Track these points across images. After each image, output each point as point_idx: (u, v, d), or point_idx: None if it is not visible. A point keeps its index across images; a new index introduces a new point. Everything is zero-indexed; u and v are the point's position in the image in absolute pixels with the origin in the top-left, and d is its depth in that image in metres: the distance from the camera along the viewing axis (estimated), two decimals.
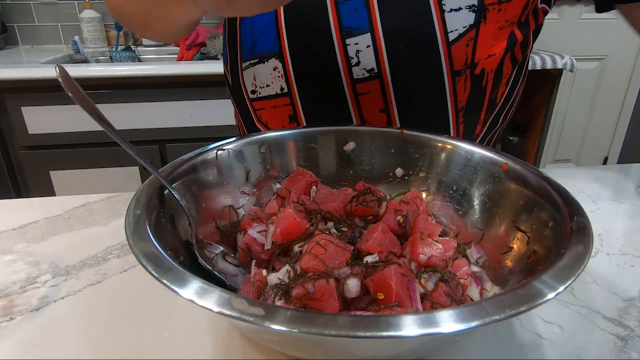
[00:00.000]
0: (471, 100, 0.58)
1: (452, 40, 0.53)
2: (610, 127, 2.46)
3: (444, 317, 0.24)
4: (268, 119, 0.63)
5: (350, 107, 0.58)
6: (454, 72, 0.55)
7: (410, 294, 0.34)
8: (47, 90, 1.44)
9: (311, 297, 0.33)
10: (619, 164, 0.75)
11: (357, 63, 0.55)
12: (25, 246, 0.51)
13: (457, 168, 0.49)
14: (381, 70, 0.55)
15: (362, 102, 0.57)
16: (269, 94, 0.61)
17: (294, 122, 0.62)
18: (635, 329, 0.39)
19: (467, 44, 0.54)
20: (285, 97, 0.60)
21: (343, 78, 0.56)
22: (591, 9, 0.62)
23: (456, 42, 0.54)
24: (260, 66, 0.60)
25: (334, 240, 0.37)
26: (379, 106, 0.57)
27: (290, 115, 0.61)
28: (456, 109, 0.58)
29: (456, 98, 0.57)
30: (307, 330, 0.24)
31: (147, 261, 0.29)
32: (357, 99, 0.57)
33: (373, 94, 0.56)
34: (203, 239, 0.42)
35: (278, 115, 0.62)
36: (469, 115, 0.60)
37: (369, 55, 0.54)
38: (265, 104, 0.62)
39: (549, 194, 0.39)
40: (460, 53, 0.54)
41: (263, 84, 0.61)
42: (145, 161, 0.40)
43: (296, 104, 0.60)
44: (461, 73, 0.56)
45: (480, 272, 0.41)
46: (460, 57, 0.55)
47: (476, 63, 0.55)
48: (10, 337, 0.38)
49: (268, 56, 0.59)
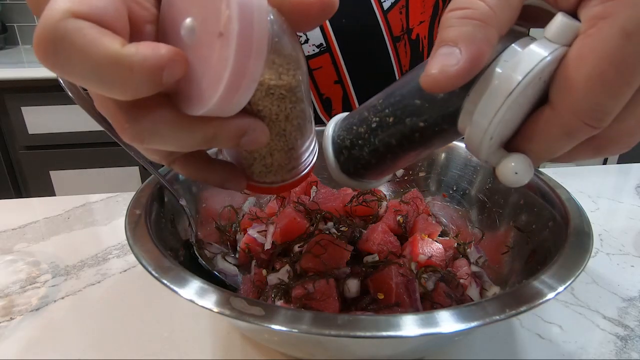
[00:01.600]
0: (413, 64, 0.63)
1: (386, 9, 0.58)
2: None
3: (444, 317, 0.24)
4: None
5: None
6: (394, 38, 0.60)
7: (410, 294, 0.34)
8: (47, 90, 1.44)
9: (311, 297, 0.33)
10: (619, 164, 0.75)
11: (306, 40, 0.59)
12: (25, 246, 0.51)
13: (457, 168, 0.49)
14: (329, 44, 0.59)
15: (316, 77, 0.61)
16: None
17: None
18: (635, 329, 0.39)
19: (400, 11, 0.59)
20: None
21: None
22: None
23: (391, 10, 0.59)
24: None
25: (334, 240, 0.37)
26: (333, 78, 0.61)
27: None
28: (402, 72, 0.63)
29: (400, 62, 0.62)
30: (307, 330, 0.24)
31: (147, 261, 0.29)
32: (312, 74, 0.61)
33: (325, 67, 0.60)
34: (203, 239, 0.41)
35: None
36: None
37: (315, 31, 0.58)
38: None
39: (548, 193, 0.39)
40: (396, 20, 0.59)
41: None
42: (145, 161, 0.40)
43: None
44: (400, 38, 0.60)
45: (480, 272, 0.41)
46: (396, 24, 0.59)
47: (411, 29, 0.61)
48: (10, 337, 0.38)
49: None
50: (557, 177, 0.41)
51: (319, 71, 0.61)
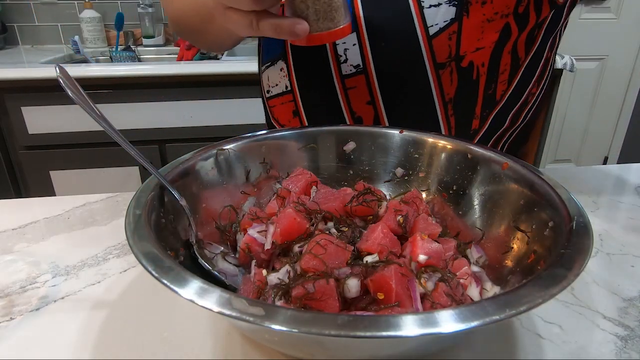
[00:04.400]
0: (460, 92, 0.60)
1: (432, 34, 0.56)
2: (610, 127, 2.46)
3: (444, 317, 0.24)
4: (279, 115, 0.71)
5: (341, 100, 0.63)
6: (437, 65, 0.58)
7: (410, 294, 0.34)
8: (47, 90, 1.44)
9: (311, 297, 0.33)
10: (619, 164, 0.75)
11: (345, 60, 0.60)
12: (25, 246, 0.51)
13: (457, 168, 0.49)
14: (366, 66, 0.60)
15: (350, 96, 0.62)
16: (277, 92, 0.69)
17: (297, 116, 0.68)
18: (635, 329, 0.39)
19: (449, 37, 0.56)
20: (289, 94, 0.67)
21: (333, 74, 0.62)
22: (591, 9, 0.62)
23: (437, 36, 0.56)
24: (271, 68, 0.68)
25: (334, 240, 0.37)
26: (366, 99, 0.62)
27: (293, 110, 0.68)
28: (443, 100, 0.61)
29: (442, 90, 0.60)
30: (307, 330, 0.24)
31: (147, 261, 0.29)
32: (346, 93, 0.62)
33: (359, 87, 0.61)
34: (203, 239, 0.41)
35: (284, 111, 0.69)
36: (459, 109, 0.62)
37: (355, 52, 0.59)
38: (276, 101, 0.70)
39: (549, 194, 0.39)
40: (442, 46, 0.57)
41: (273, 83, 0.69)
42: (145, 161, 0.40)
43: (297, 100, 0.67)
44: (445, 65, 0.58)
45: (480, 272, 0.41)
46: (443, 50, 0.57)
47: (462, 56, 0.58)
48: (10, 337, 0.38)
49: (276, 58, 0.67)
50: (557, 177, 0.41)
51: (353, 90, 0.62)
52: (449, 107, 0.61)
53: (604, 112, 2.40)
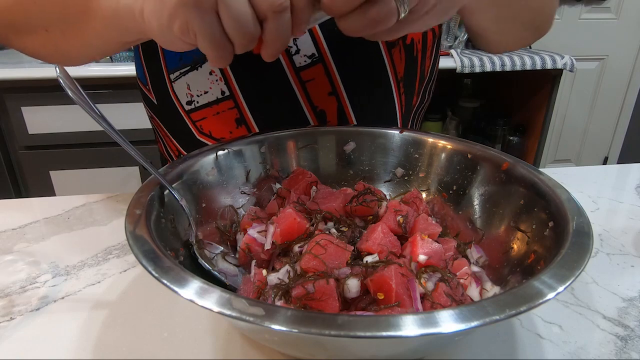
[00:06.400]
0: (407, 70, 0.61)
1: None
2: (610, 127, 2.46)
3: (444, 317, 0.24)
4: (211, 127, 0.60)
5: (299, 97, 0.57)
6: (389, 44, 0.58)
7: (410, 294, 0.34)
8: (47, 90, 1.44)
9: (311, 297, 0.33)
10: (619, 164, 0.75)
11: (297, 51, 0.55)
12: (25, 246, 0.51)
13: (457, 168, 0.49)
14: (322, 54, 0.55)
15: (309, 89, 0.57)
16: (208, 100, 0.58)
17: (242, 125, 0.59)
18: (635, 329, 0.39)
19: None
20: (228, 100, 0.57)
21: (286, 68, 0.55)
22: (591, 9, 0.63)
23: None
24: (193, 73, 0.57)
25: (334, 240, 0.37)
26: (327, 90, 0.57)
27: (236, 119, 0.59)
28: (397, 79, 0.60)
29: (395, 69, 0.59)
30: (307, 330, 0.24)
31: (147, 261, 0.29)
32: (304, 87, 0.56)
33: (318, 79, 0.56)
34: (203, 239, 0.41)
35: (222, 122, 0.59)
36: (407, 86, 0.62)
37: (306, 41, 0.54)
38: (207, 112, 0.59)
39: (548, 194, 0.39)
40: None
41: (200, 91, 0.58)
42: (145, 161, 0.40)
43: (241, 106, 0.58)
44: (395, 44, 0.58)
45: (480, 272, 0.41)
46: None
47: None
48: (10, 337, 0.38)
49: (200, 61, 0.56)
50: (557, 177, 0.41)
51: (312, 83, 0.57)
52: (400, 86, 0.61)
53: (604, 112, 2.41)
